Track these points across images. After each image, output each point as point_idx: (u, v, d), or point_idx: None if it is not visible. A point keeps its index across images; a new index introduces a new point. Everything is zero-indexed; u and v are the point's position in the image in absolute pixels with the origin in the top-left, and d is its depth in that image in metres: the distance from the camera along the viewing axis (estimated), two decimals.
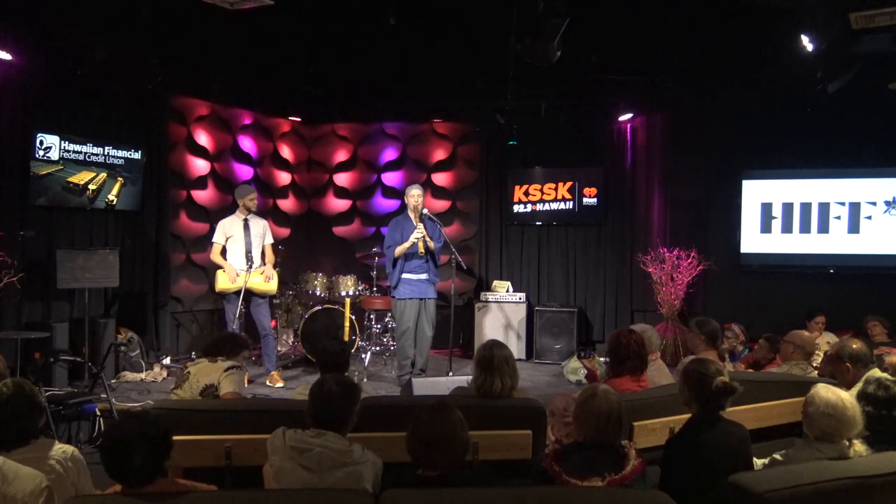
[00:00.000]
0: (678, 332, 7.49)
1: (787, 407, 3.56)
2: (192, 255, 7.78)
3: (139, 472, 2.12)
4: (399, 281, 6.41)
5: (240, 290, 6.17)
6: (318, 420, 2.52)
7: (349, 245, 9.01)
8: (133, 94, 6.80)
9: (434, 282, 6.58)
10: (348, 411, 2.56)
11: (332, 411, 2.52)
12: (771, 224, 7.86)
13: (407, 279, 6.40)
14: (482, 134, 8.66)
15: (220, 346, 3.91)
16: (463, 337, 8.47)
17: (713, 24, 6.10)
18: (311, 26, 6.48)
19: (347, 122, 8.99)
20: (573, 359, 7.01)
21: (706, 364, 2.86)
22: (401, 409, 3.13)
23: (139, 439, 2.11)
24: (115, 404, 5.01)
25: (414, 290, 6.42)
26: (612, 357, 3.80)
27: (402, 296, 6.42)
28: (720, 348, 4.51)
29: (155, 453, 2.14)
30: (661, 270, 7.75)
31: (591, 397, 2.58)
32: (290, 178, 9.01)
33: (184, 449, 2.82)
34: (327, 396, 2.54)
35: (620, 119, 8.23)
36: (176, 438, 2.30)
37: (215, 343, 3.96)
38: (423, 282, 6.45)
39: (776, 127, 7.56)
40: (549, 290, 8.66)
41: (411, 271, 6.41)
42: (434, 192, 8.82)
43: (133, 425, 2.15)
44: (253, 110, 8.40)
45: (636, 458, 2.51)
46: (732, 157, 7.84)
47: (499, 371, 3.29)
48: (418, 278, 6.43)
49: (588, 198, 8.45)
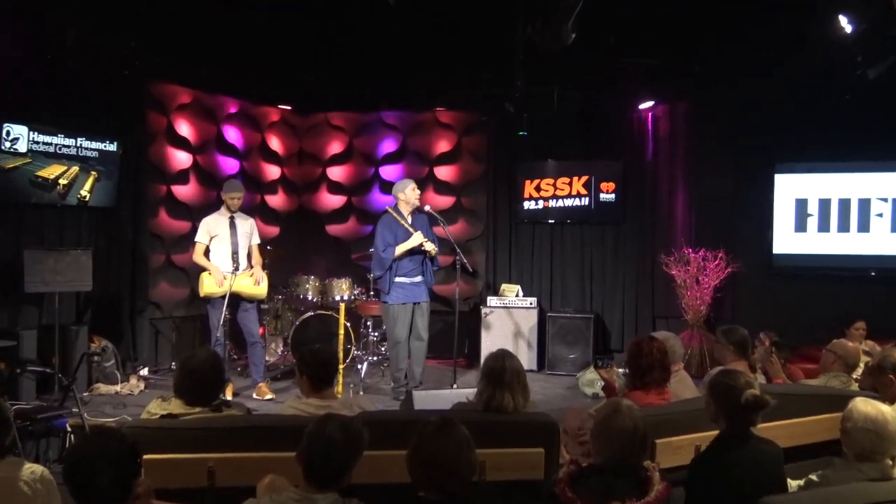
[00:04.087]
0: (704, 340, 7.48)
1: (824, 423, 3.54)
2: (172, 255, 7.78)
3: (105, 495, 2.10)
4: (391, 285, 6.41)
5: (226, 295, 6.16)
6: (311, 469, 2.36)
7: (344, 245, 9.01)
8: (108, 80, 6.79)
9: (429, 284, 6.59)
10: (349, 465, 2.39)
11: (330, 464, 2.36)
12: (806, 222, 7.84)
13: (400, 283, 6.42)
14: (489, 124, 8.65)
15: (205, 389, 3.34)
16: (468, 346, 8.46)
17: (742, 3, 6.08)
18: (303, 7, 6.48)
19: (342, 110, 8.99)
20: (589, 370, 7.00)
21: (735, 376, 2.85)
22: (401, 424, 3.11)
23: (103, 459, 2.09)
24: (88, 419, 5.01)
25: (407, 294, 6.44)
26: (632, 368, 3.78)
27: (396, 301, 6.42)
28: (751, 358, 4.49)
29: (122, 474, 2.12)
30: (686, 273, 7.74)
31: (614, 414, 2.57)
32: (279, 172, 9.01)
33: (162, 469, 2.81)
34: (327, 445, 2.36)
35: (641, 107, 8.21)
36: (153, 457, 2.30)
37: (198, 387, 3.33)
38: (418, 285, 6.47)
39: (812, 116, 7.53)
40: (562, 295, 8.65)
41: (405, 274, 6.42)
42: (437, 187, 8.82)
43: (97, 444, 2.13)
44: (239, 98, 8.41)
45: (660, 481, 2.49)
46: (764, 149, 7.82)
47: (508, 386, 3.28)
48: (412, 282, 6.45)
49: (605, 193, 8.43)
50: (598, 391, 6.58)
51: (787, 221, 7.88)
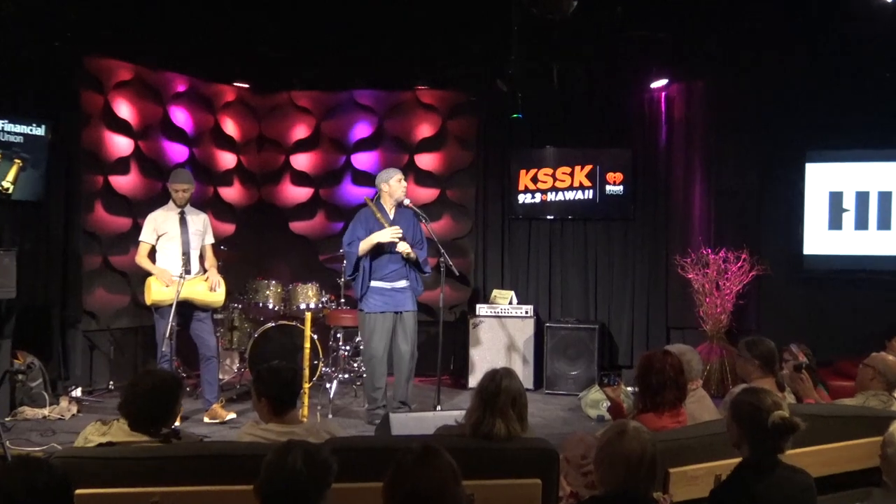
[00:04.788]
0: (725, 354, 7.52)
1: (862, 448, 3.57)
2: (110, 257, 7.73)
3: None
4: (367, 290, 6.39)
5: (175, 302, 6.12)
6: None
7: (310, 245, 9.00)
8: (36, 53, 6.74)
9: (417, 291, 6.57)
10: (314, 500, 2.38)
11: (292, 498, 2.35)
12: (841, 218, 7.90)
13: (378, 288, 6.38)
14: (479, 105, 8.66)
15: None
16: (454, 361, 8.46)
17: None
18: None
19: (308, 89, 8.97)
20: (593, 388, 7.02)
21: (760, 395, 2.86)
22: (376, 453, 3.11)
23: (26, 494, 2.08)
24: (11, 449, 4.96)
25: (387, 301, 6.40)
26: (643, 386, 3.80)
27: (372, 309, 6.38)
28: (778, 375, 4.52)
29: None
30: (704, 277, 7.78)
31: (619, 437, 2.58)
32: (235, 161, 8.99)
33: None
34: (289, 476, 2.35)
35: (653, 87, 8.25)
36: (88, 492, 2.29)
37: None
38: (401, 291, 6.43)
39: (849, 96, 7.59)
40: (562, 302, 8.68)
41: (384, 278, 6.39)
42: (418, 177, 8.82)
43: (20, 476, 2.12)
44: (188, 74, 8.37)
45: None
46: (793, 134, 7.88)
47: (501, 412, 3.28)
48: (394, 287, 6.41)
49: (612, 185, 8.47)
50: (604, 413, 6.60)
51: (819, 217, 7.94)
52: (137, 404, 3.20)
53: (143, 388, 3.22)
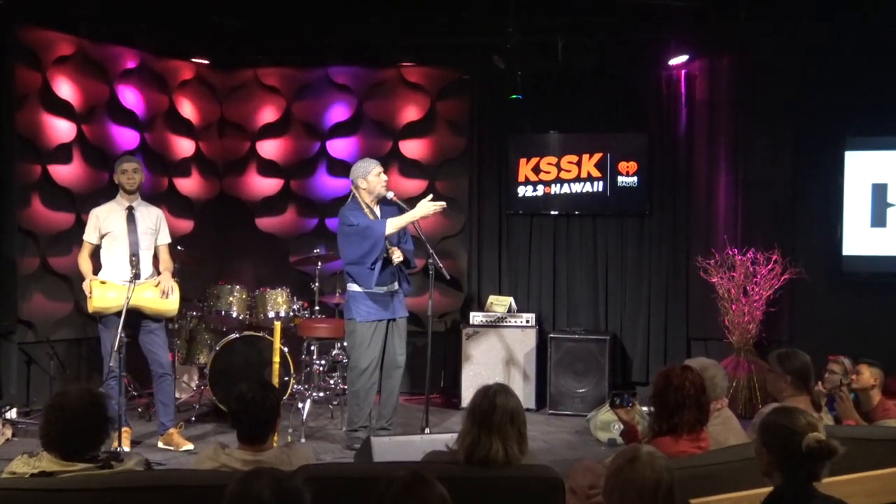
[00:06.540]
0: (754, 369, 7.55)
1: None
2: (49, 258, 7.71)
3: None
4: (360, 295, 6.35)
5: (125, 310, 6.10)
6: None
7: (280, 244, 9.00)
8: None
9: (406, 291, 6.59)
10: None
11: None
12: (885, 214, 7.93)
13: (371, 293, 6.35)
14: (472, 84, 8.68)
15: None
16: (445, 377, 8.47)
17: None
18: None
19: (277, 65, 8.97)
20: (604, 409, 7.02)
21: (793, 415, 2.88)
22: (356, 482, 3.11)
23: None
24: None
25: (382, 307, 6.39)
26: (659, 406, 3.82)
27: (365, 317, 6.35)
28: (814, 392, 4.54)
29: None
30: (730, 281, 7.80)
31: (630, 464, 2.59)
32: (193, 148, 8.98)
33: None
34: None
35: (672, 63, 8.25)
36: None
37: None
38: (394, 295, 6.45)
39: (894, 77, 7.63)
40: (568, 310, 8.70)
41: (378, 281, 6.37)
42: (403, 167, 8.83)
43: None
44: (139, 49, 8.34)
45: None
46: (831, 119, 7.89)
47: (498, 431, 3.29)
48: (387, 291, 6.42)
49: (625, 176, 8.49)
50: (616, 437, 6.62)
51: (861, 213, 7.96)
52: (60, 430, 3.19)
53: (60, 413, 3.19)
